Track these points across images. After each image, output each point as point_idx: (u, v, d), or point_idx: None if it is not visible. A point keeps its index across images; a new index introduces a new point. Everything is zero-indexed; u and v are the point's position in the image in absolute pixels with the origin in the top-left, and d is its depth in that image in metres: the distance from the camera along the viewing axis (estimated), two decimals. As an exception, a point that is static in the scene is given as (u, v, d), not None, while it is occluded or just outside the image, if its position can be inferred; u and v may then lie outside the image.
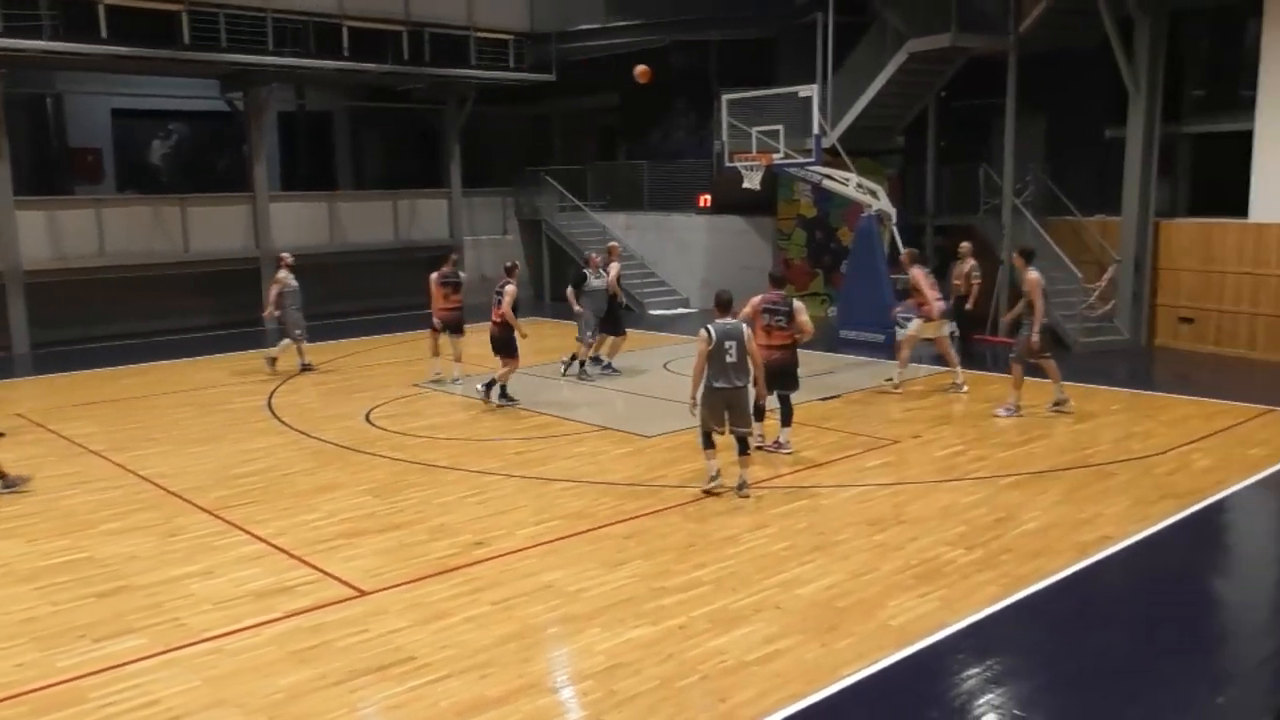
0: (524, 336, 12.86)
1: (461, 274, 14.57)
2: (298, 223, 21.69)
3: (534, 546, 7.69)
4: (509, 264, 13.30)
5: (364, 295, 22.27)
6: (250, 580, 7.14)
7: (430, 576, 7.13)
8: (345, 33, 20.67)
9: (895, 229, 17.07)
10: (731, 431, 8.67)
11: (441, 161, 24.40)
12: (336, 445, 10.88)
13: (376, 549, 7.72)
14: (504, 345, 12.48)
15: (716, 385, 8.48)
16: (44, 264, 18.40)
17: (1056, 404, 11.61)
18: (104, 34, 17.76)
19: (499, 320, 12.51)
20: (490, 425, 11.73)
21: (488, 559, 7.46)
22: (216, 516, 8.59)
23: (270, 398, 13.42)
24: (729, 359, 8.45)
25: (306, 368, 15.26)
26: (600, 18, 23.57)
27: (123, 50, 18.14)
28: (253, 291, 20.18)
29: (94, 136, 23.40)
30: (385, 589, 6.93)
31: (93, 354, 17.73)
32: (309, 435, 11.39)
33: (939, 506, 8.49)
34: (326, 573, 7.24)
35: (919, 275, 12.90)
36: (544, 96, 25.45)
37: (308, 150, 26.19)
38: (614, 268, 14.44)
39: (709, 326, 8.54)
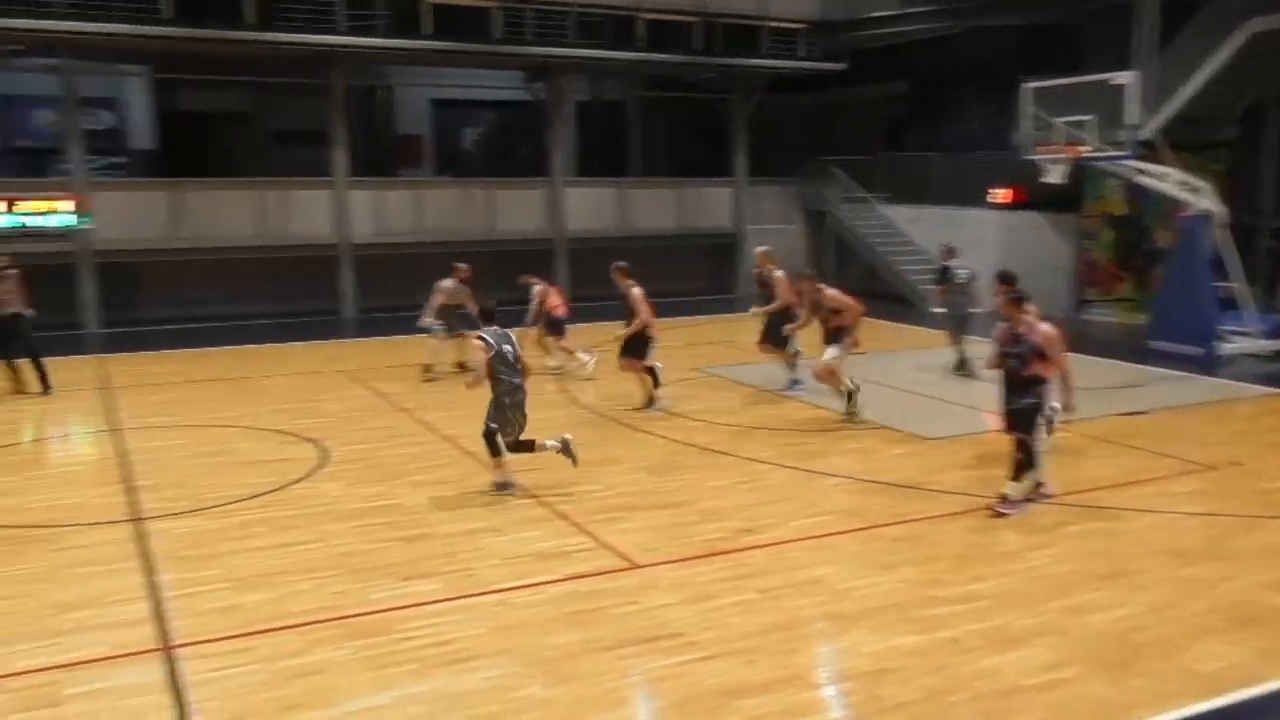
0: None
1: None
2: (588, 207, 22.73)
3: (803, 539, 7.69)
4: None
5: (647, 280, 22.95)
6: (533, 541, 7.62)
7: (700, 557, 7.31)
8: (641, 25, 21.38)
9: (1224, 231, 15.53)
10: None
11: (727, 150, 24.72)
12: (617, 422, 11.34)
13: (649, 525, 8.00)
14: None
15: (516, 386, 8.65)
16: (369, 238, 20.32)
17: None
18: (427, 30, 19.34)
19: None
20: (766, 414, 11.81)
21: (756, 547, 7.54)
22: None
23: (560, 372, 14.14)
24: (510, 361, 8.64)
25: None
26: (894, 4, 22.97)
27: (443, 45, 19.71)
28: (548, 271, 21.38)
29: (417, 125, 25.62)
30: (656, 564, 7.17)
31: (407, 321, 19.39)
32: (592, 411, 11.94)
33: (1263, 544, 7.60)
34: (603, 542, 7.59)
35: None
36: (831, 85, 25.15)
37: (600, 138, 27.32)
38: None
39: (484, 335, 8.67)
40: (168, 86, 22.72)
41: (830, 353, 11.31)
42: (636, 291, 12.15)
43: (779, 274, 13.06)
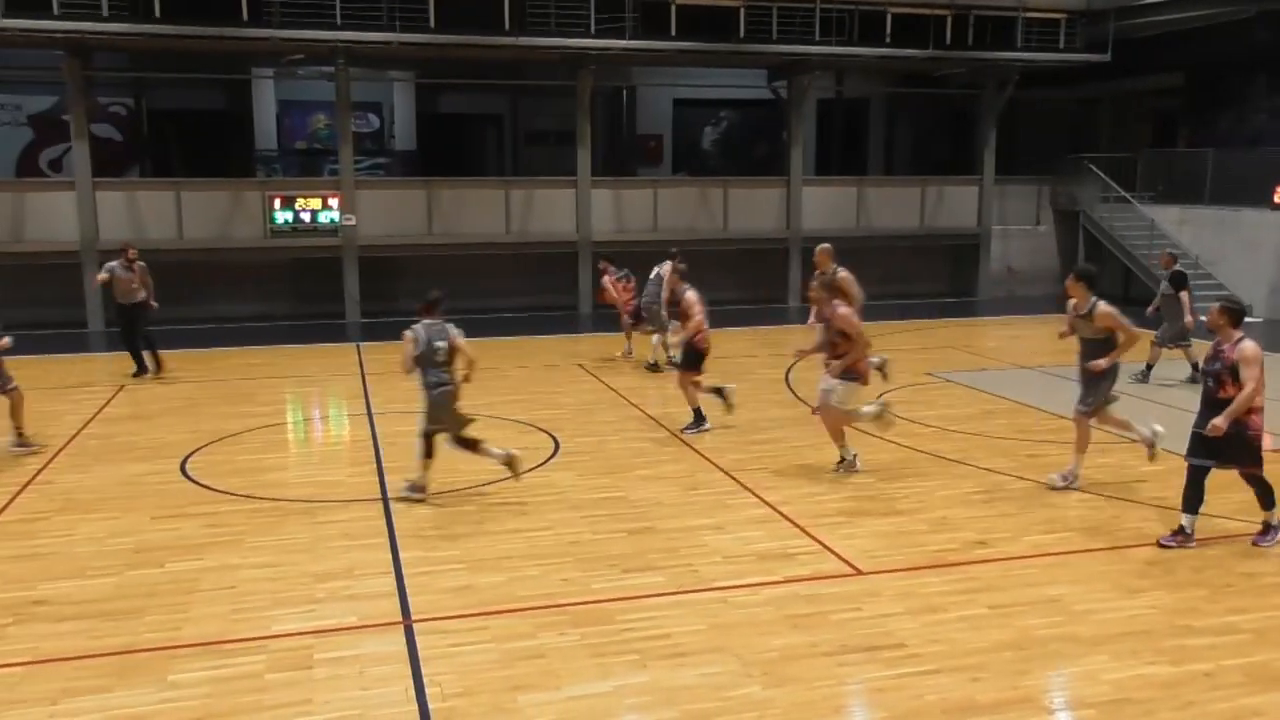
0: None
1: None
2: (825, 206, 22.37)
3: (1040, 556, 7.25)
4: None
5: (887, 280, 22.39)
6: (756, 541, 7.57)
7: (927, 568, 7.03)
8: (888, 19, 20.81)
9: None
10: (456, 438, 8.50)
11: (974, 147, 23.68)
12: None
13: (875, 531, 7.78)
14: None
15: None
16: (608, 236, 20.88)
17: None
18: (673, 31, 19.64)
19: None
20: (1004, 423, 11.23)
21: (988, 560, 7.18)
22: (731, 477, 9.22)
23: (788, 372, 14.02)
24: (439, 359, 8.37)
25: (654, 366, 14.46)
26: (1173, -11, 21.24)
27: (690, 45, 19.95)
28: (782, 271, 21.29)
29: (657, 124, 26.08)
30: (881, 572, 6.96)
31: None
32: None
33: None
34: (826, 546, 7.44)
35: None
36: (1091, 78, 23.51)
37: (841, 136, 26.84)
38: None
39: (414, 329, 8.45)
40: (429, 91, 24.27)
41: (836, 388, 9.01)
42: (691, 295, 10.99)
43: (844, 274, 11.43)
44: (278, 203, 19.26)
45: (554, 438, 10.67)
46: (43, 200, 18.94)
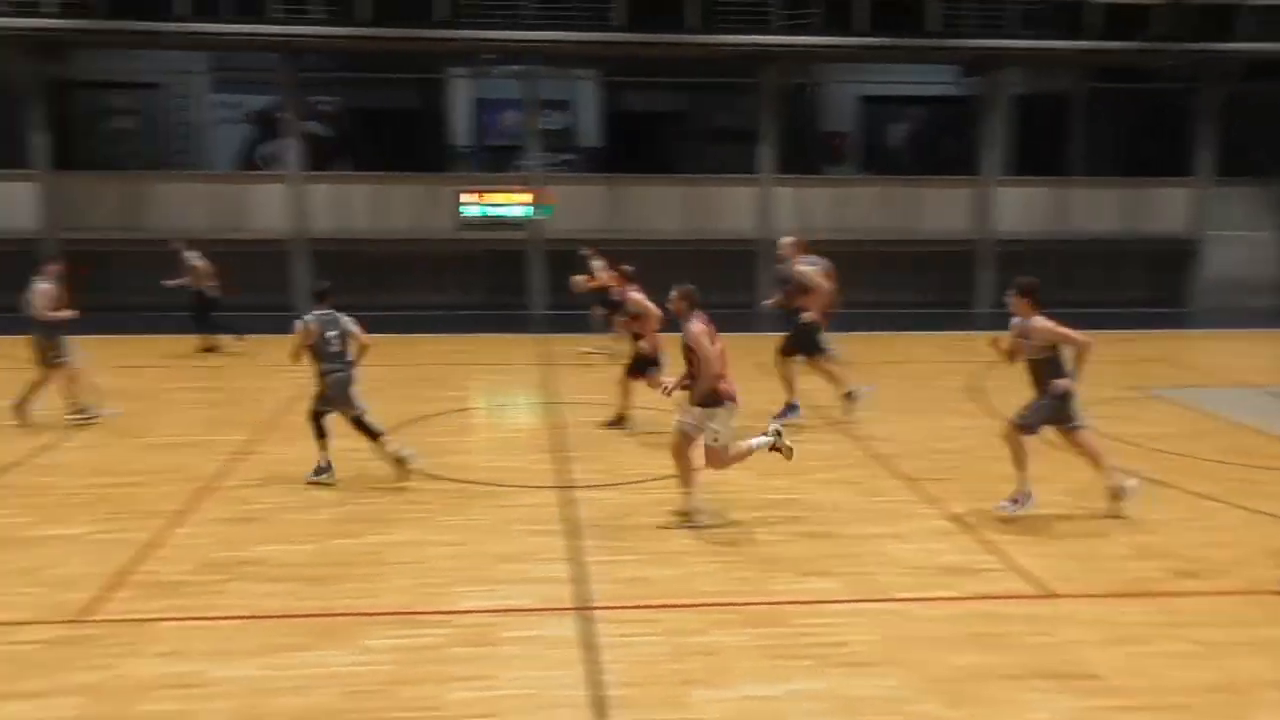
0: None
1: None
2: (1021, 207, 21.43)
3: (1258, 593, 6.70)
4: None
5: (1085, 286, 21.25)
6: (939, 554, 7.31)
7: (1126, 595, 6.61)
8: (1092, 11, 19.71)
9: None
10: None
11: (1186, 146, 22.14)
12: (1041, 439, 10.56)
13: (1070, 552, 7.37)
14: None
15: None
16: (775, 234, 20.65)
17: None
18: (860, 26, 19.23)
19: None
20: (1217, 444, 10.46)
21: (1198, 593, 6.68)
22: (913, 486, 8.94)
23: (973, 380, 13.50)
24: (331, 347, 8.69)
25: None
26: None
27: (878, 41, 19.50)
28: (970, 274, 20.53)
29: (842, 121, 25.59)
30: (1075, 595, 6.59)
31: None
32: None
33: None
34: (1015, 564, 7.11)
35: None
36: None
37: (1038, 134, 25.58)
38: None
39: (306, 318, 8.72)
40: (614, 88, 24.63)
41: (699, 419, 7.64)
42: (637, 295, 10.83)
43: (801, 268, 10.87)
44: (469, 197, 19.98)
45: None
46: (258, 192, 20.32)
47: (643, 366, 10.56)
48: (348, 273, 15.68)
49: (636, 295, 10.64)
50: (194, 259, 15.20)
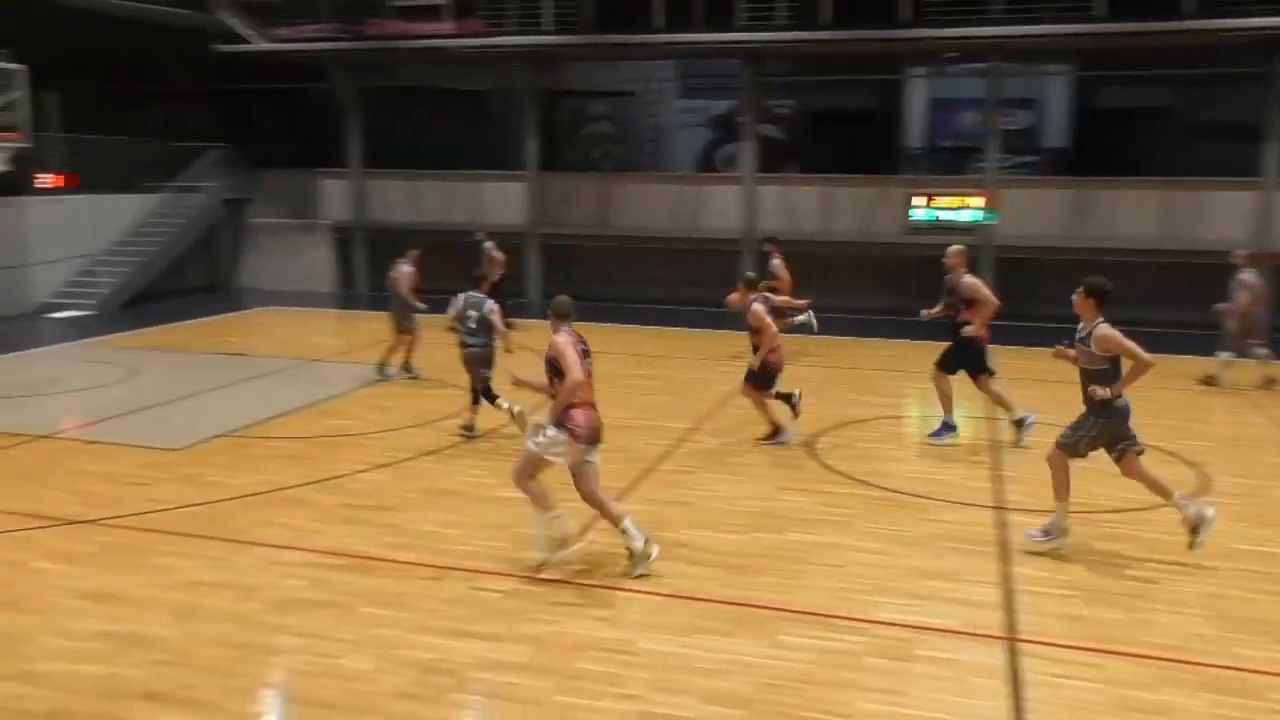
0: None
1: None
2: None
3: None
4: None
5: None
6: None
7: None
8: None
9: None
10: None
11: None
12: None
13: None
14: None
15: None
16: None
17: None
18: None
19: None
20: None
21: None
22: None
23: None
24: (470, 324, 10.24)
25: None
26: None
27: None
28: None
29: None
30: None
31: None
32: None
33: None
34: None
35: None
36: None
37: None
38: None
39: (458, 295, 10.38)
40: (1087, 84, 22.79)
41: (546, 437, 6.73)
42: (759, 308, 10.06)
43: (968, 279, 10.10)
44: (919, 200, 19.53)
45: (1203, 473, 9.39)
46: (715, 193, 21.39)
47: (765, 379, 10.12)
48: (791, 274, 15.94)
49: (759, 308, 10.09)
50: (491, 250, 16.56)
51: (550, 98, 23.49)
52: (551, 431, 6.64)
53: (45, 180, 19.60)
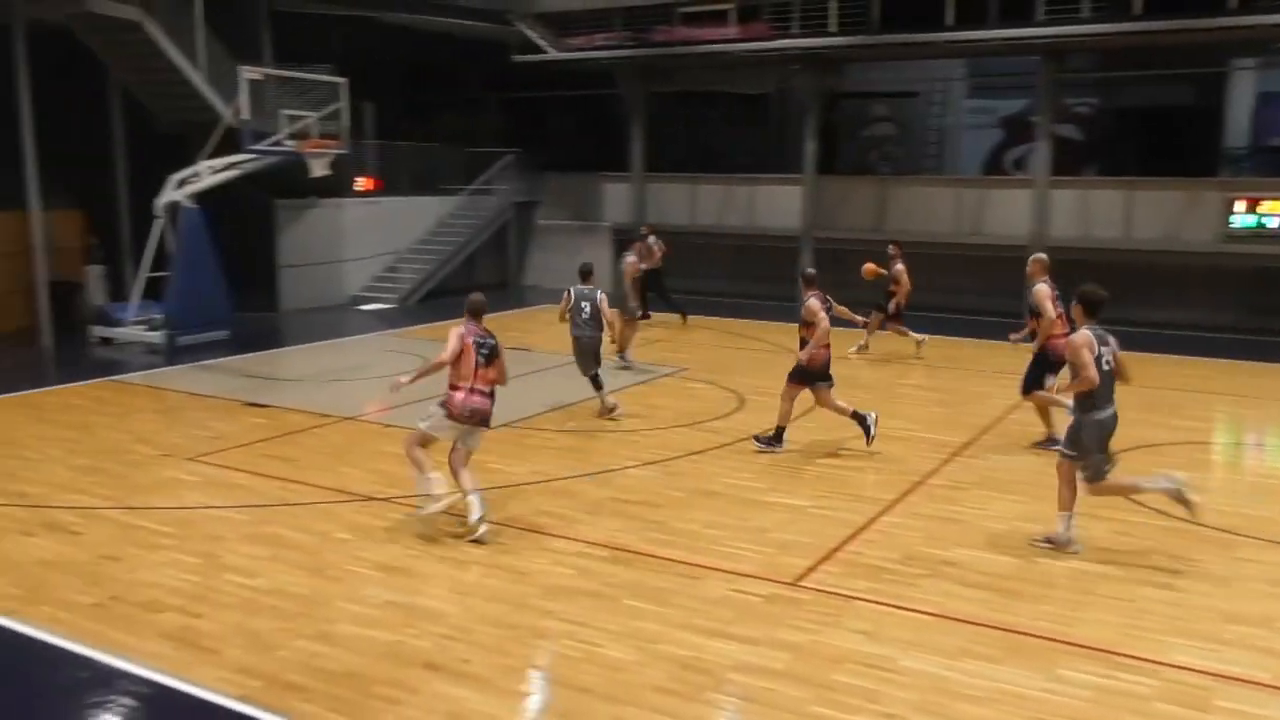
0: None
1: None
2: None
3: None
4: None
5: None
6: None
7: None
8: None
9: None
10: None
11: None
12: None
13: None
14: None
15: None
16: None
17: None
18: None
19: None
20: None
21: None
22: None
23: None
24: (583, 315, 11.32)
25: None
26: None
27: None
28: None
29: None
30: None
31: None
32: None
33: None
34: None
35: None
36: None
37: None
38: None
39: (571, 289, 11.51)
40: None
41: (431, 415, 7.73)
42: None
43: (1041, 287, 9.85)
44: (1240, 205, 17.65)
45: None
46: (1002, 197, 20.29)
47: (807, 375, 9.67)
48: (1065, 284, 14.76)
49: (813, 303, 9.53)
50: (654, 244, 17.38)
51: (831, 99, 23.18)
52: (433, 408, 7.60)
53: (360, 184, 21.58)
